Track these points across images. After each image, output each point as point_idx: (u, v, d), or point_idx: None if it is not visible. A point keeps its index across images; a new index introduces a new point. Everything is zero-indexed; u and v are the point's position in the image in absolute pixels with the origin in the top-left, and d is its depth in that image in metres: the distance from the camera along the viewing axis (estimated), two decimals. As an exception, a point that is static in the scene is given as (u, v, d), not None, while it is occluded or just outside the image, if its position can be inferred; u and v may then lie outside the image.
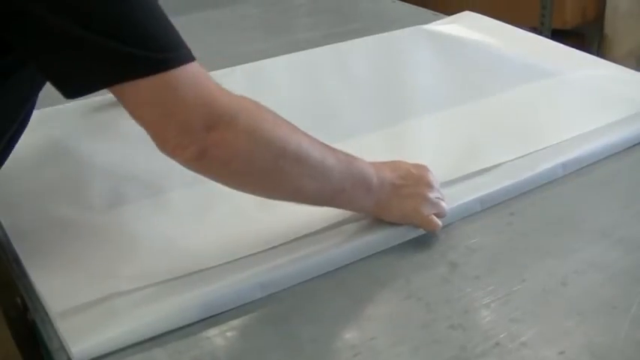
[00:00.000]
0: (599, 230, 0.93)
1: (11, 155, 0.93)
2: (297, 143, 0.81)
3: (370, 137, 1.11)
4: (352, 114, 1.23)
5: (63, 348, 0.77)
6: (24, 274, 0.88)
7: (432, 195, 0.92)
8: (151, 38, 0.71)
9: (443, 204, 0.93)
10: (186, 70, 0.73)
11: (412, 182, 0.91)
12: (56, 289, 0.84)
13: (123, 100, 0.74)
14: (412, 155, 1.00)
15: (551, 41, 1.58)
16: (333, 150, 0.85)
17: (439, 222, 0.91)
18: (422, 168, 0.94)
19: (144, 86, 0.71)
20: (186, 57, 0.74)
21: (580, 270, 0.86)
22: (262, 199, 0.85)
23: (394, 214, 0.91)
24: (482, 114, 1.22)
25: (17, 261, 0.90)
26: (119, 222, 0.96)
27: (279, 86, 1.02)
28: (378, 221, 0.92)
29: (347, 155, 0.87)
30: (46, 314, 0.81)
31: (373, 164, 0.90)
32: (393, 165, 0.92)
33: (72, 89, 0.73)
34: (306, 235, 0.90)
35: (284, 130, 0.81)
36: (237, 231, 0.93)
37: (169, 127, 0.74)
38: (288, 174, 0.82)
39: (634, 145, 1.12)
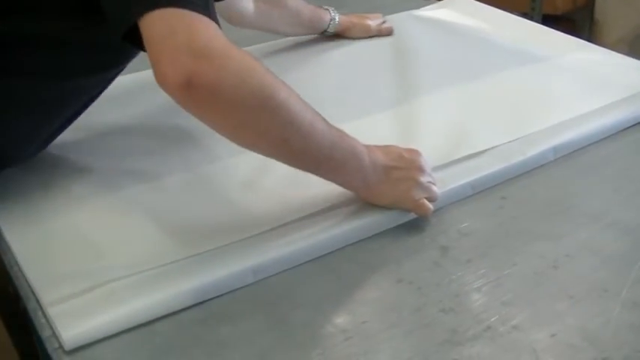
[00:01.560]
0: (590, 214, 0.94)
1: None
2: (286, 95, 0.80)
3: (360, 122, 1.11)
4: (341, 100, 1.22)
5: (54, 335, 0.77)
6: (15, 263, 0.87)
7: (423, 179, 0.92)
8: None
9: (434, 188, 0.93)
10: (199, 15, 0.76)
11: (404, 166, 0.91)
12: (47, 277, 0.83)
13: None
14: (403, 140, 1.00)
15: (542, 26, 1.58)
16: (326, 121, 0.85)
17: (430, 206, 0.91)
18: (414, 152, 0.94)
19: (158, 17, 0.75)
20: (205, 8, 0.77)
21: (571, 253, 0.87)
22: (252, 181, 0.84)
23: (385, 198, 0.91)
24: (473, 99, 1.22)
25: (8, 250, 0.89)
26: (110, 210, 0.96)
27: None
28: (369, 205, 0.92)
29: (340, 130, 0.87)
30: (38, 302, 0.81)
31: (366, 145, 0.89)
32: (386, 149, 0.92)
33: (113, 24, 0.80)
34: (297, 220, 0.90)
35: (278, 83, 0.80)
36: (227, 216, 0.93)
37: (164, 54, 0.75)
38: (274, 120, 0.80)
39: (625, 129, 1.13)
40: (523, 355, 0.72)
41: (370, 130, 1.10)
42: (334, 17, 1.45)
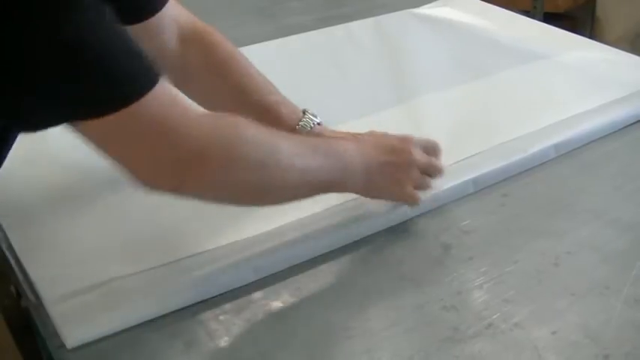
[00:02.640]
0: (591, 211, 0.94)
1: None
2: (275, 160, 0.78)
3: (360, 122, 1.11)
4: (341, 99, 1.22)
5: (56, 334, 0.77)
6: (17, 262, 0.87)
7: (414, 171, 0.90)
8: (105, 75, 0.67)
9: (427, 179, 0.91)
10: (148, 101, 0.68)
11: (395, 160, 0.89)
12: (49, 275, 0.84)
13: (87, 138, 0.70)
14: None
15: (543, 24, 1.58)
16: (314, 146, 0.84)
17: (420, 196, 0.90)
18: (406, 141, 0.91)
19: (106, 124, 0.67)
20: (146, 85, 0.68)
21: (573, 250, 0.87)
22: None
23: (379, 193, 0.90)
24: (474, 97, 1.22)
25: (10, 248, 0.89)
26: (111, 209, 0.96)
27: (269, 71, 1.01)
28: (369, 203, 0.92)
29: (329, 146, 0.85)
30: (40, 301, 0.81)
31: (357, 143, 0.88)
32: (377, 141, 0.90)
33: (30, 126, 0.71)
34: (298, 219, 0.90)
35: (262, 148, 0.77)
36: (228, 216, 0.92)
37: (140, 169, 0.72)
38: (269, 190, 0.80)
39: (626, 127, 1.13)
40: (524, 352, 0.72)
41: (370, 129, 1.10)
42: (308, 121, 0.98)
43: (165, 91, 0.71)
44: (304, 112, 0.99)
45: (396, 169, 0.89)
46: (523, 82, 1.27)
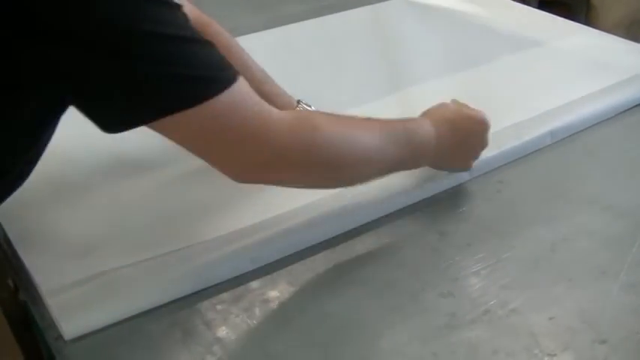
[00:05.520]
0: (587, 197, 0.94)
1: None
2: (352, 157, 0.81)
3: (355, 111, 1.10)
4: (338, 88, 1.22)
5: (54, 325, 0.77)
6: (14, 255, 0.87)
7: (479, 154, 0.95)
8: (199, 66, 0.69)
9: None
10: (230, 95, 0.70)
11: (469, 143, 0.93)
12: (46, 267, 0.84)
13: (171, 135, 0.72)
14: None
15: (538, 11, 1.57)
16: (389, 131, 0.85)
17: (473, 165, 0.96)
18: (482, 127, 0.94)
19: (192, 119, 0.69)
20: (228, 79, 0.71)
21: (569, 237, 0.87)
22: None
23: (444, 166, 0.95)
24: (470, 84, 1.22)
25: (7, 241, 0.89)
26: (107, 200, 0.96)
27: (265, 61, 1.01)
28: (366, 192, 0.91)
29: (407, 132, 0.87)
30: (37, 293, 0.81)
31: (434, 121, 0.89)
32: (453, 126, 0.91)
33: (116, 124, 0.71)
34: (294, 208, 0.90)
35: (340, 148, 0.80)
36: (225, 206, 0.93)
37: (225, 166, 0.75)
38: (344, 180, 0.85)
39: (621, 113, 1.13)
40: (522, 338, 0.73)
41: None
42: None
43: (245, 88, 0.73)
44: (298, 102, 1.01)
45: (466, 153, 0.94)
46: (519, 69, 1.27)
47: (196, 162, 1.01)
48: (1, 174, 0.79)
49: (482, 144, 0.94)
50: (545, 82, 1.21)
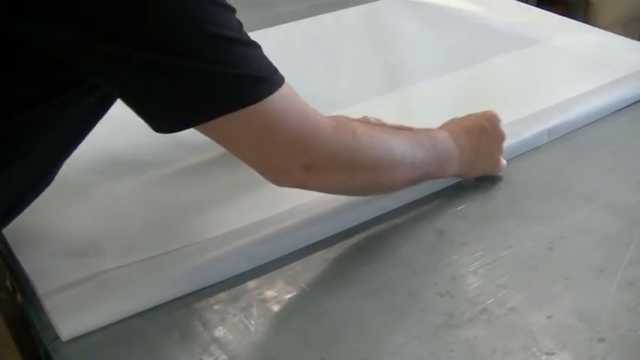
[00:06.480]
0: (585, 195, 0.94)
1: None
2: (389, 162, 0.82)
3: (351, 109, 1.10)
4: (333, 86, 1.22)
5: (51, 326, 0.77)
6: (11, 256, 0.87)
7: (502, 146, 0.96)
8: (252, 67, 0.70)
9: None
10: (278, 98, 0.72)
11: (487, 140, 0.94)
12: (43, 268, 0.83)
13: (219, 135, 0.73)
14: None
15: (536, 8, 1.57)
16: (419, 140, 0.86)
17: (504, 162, 0.97)
18: (493, 121, 0.95)
19: (248, 116, 0.70)
20: (276, 81, 0.72)
21: (567, 235, 0.86)
22: (246, 169, 0.84)
23: (473, 173, 0.96)
24: (468, 82, 1.22)
25: (4, 242, 0.89)
26: (104, 200, 0.96)
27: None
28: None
29: (429, 138, 0.88)
30: (34, 294, 0.81)
31: (451, 132, 0.91)
32: (469, 128, 0.94)
33: (173, 123, 0.71)
34: (291, 207, 0.90)
35: (378, 152, 0.81)
36: (222, 206, 0.92)
37: (268, 171, 0.76)
38: (381, 186, 0.86)
39: (619, 110, 1.12)
40: (519, 336, 0.72)
41: (363, 115, 1.10)
42: None
43: (292, 90, 0.74)
44: None
45: (489, 150, 0.95)
46: (516, 66, 1.26)
47: (192, 162, 1.01)
48: (44, 175, 0.82)
49: (500, 137, 0.95)
50: (542, 80, 1.21)
